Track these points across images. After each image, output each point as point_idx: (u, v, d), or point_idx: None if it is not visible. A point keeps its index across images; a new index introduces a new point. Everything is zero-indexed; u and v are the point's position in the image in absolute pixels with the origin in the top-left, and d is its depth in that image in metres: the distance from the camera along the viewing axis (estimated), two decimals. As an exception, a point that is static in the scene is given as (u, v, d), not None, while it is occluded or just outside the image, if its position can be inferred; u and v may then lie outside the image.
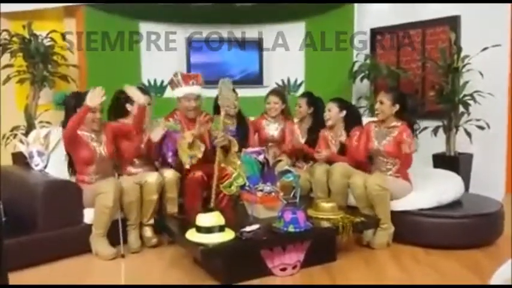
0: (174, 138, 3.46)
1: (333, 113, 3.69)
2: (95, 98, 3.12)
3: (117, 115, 3.55)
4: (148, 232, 3.34)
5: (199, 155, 3.38)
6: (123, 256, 3.15)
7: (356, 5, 5.13)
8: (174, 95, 3.63)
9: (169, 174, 3.40)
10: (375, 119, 3.58)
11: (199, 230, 2.66)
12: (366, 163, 3.57)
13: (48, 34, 4.52)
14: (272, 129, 4.21)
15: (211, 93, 4.48)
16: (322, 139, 3.81)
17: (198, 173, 3.39)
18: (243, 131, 4.05)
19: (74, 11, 4.80)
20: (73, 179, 3.36)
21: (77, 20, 4.85)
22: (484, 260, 3.09)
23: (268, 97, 4.21)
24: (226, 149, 3.47)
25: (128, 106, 3.52)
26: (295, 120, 4.20)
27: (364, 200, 3.30)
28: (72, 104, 3.31)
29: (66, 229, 3.15)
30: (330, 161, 3.64)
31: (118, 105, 3.54)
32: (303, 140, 4.03)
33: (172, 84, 3.64)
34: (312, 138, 3.95)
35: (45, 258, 3.05)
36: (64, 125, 3.30)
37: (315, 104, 4.04)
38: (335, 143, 3.77)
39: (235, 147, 3.49)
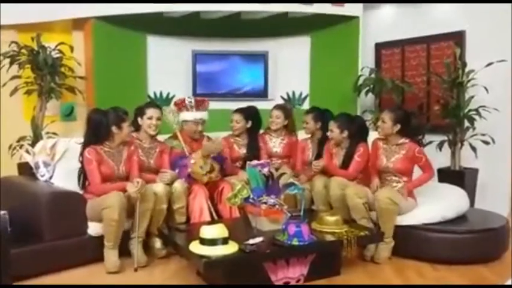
0: (183, 163, 3.58)
1: (334, 134, 3.70)
2: (136, 189, 3.14)
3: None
4: (158, 243, 3.35)
5: (213, 175, 3.58)
6: (136, 270, 3.12)
7: (361, 19, 5.16)
8: (182, 117, 3.80)
9: (178, 184, 3.44)
10: (379, 135, 3.61)
11: (203, 242, 2.66)
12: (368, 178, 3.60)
13: (56, 46, 4.58)
14: (275, 144, 4.22)
15: (217, 105, 4.58)
16: (327, 151, 3.81)
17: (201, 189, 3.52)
18: (253, 146, 4.08)
19: (82, 23, 4.85)
20: (81, 191, 3.36)
21: (85, 32, 4.91)
22: (489, 275, 3.07)
23: (272, 111, 4.24)
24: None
25: (139, 120, 3.59)
26: (306, 136, 4.16)
27: (359, 211, 3.30)
28: (97, 121, 3.31)
29: (71, 240, 3.16)
30: (329, 174, 3.65)
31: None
32: (313, 157, 3.99)
33: (182, 107, 3.78)
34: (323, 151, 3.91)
35: (49, 269, 3.05)
36: (86, 142, 3.30)
37: (322, 118, 4.00)
38: (338, 156, 3.76)
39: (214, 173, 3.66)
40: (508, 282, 1.70)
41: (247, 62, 5.30)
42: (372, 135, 3.84)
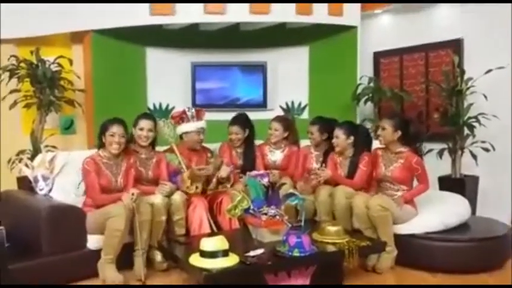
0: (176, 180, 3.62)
1: (340, 140, 3.68)
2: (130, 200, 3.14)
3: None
4: (158, 256, 3.32)
5: (200, 187, 3.62)
6: (143, 282, 3.10)
7: (359, 28, 5.18)
8: (182, 129, 3.78)
9: (177, 196, 3.43)
10: (380, 144, 3.61)
11: (203, 254, 2.64)
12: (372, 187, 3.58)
13: (55, 59, 4.59)
14: (275, 155, 4.20)
15: (217, 116, 4.58)
16: (331, 161, 3.79)
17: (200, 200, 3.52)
18: (250, 156, 4.06)
19: (81, 37, 4.88)
20: (79, 204, 3.35)
21: (84, 45, 4.93)
22: (492, 284, 3.04)
23: (270, 123, 4.21)
24: (221, 181, 3.77)
25: (133, 131, 3.59)
26: (310, 144, 4.09)
27: (366, 220, 3.28)
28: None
29: (70, 254, 3.13)
30: (335, 183, 3.63)
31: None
32: (317, 165, 3.92)
33: (181, 119, 3.77)
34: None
35: (48, 284, 3.01)
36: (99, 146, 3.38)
37: (328, 129, 3.88)
38: (343, 166, 3.75)
39: (229, 183, 3.77)
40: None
41: (246, 73, 5.31)
42: (374, 144, 3.85)
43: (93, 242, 3.19)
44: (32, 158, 3.94)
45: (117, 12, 4.60)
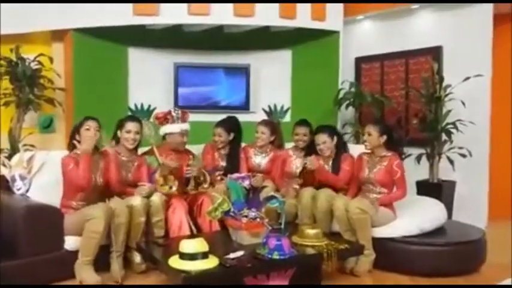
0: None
1: (327, 144, 3.74)
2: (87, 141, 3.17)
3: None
4: (137, 258, 3.30)
5: (175, 188, 3.54)
6: (119, 284, 3.08)
7: (341, 34, 5.24)
8: (166, 130, 3.75)
9: (156, 197, 3.40)
10: (361, 146, 3.67)
11: (183, 256, 2.63)
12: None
13: (35, 58, 4.53)
14: (259, 159, 4.21)
15: (199, 117, 4.57)
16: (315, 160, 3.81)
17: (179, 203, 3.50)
18: (234, 158, 4.06)
19: (62, 35, 4.81)
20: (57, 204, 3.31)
21: (65, 44, 4.87)
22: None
23: (257, 127, 4.22)
24: (198, 182, 3.76)
25: (118, 133, 3.57)
26: (290, 148, 4.12)
27: (345, 223, 3.33)
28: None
29: (47, 255, 3.09)
30: (318, 185, 3.66)
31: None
32: (299, 169, 3.93)
33: (165, 120, 3.74)
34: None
35: (25, 285, 2.97)
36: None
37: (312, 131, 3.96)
38: (326, 168, 3.78)
39: (206, 184, 3.76)
40: (507, 282, 1.73)
41: (229, 75, 5.31)
42: (352, 149, 3.89)
43: (70, 243, 3.16)
44: (9, 157, 3.87)
45: (99, 11, 4.55)
